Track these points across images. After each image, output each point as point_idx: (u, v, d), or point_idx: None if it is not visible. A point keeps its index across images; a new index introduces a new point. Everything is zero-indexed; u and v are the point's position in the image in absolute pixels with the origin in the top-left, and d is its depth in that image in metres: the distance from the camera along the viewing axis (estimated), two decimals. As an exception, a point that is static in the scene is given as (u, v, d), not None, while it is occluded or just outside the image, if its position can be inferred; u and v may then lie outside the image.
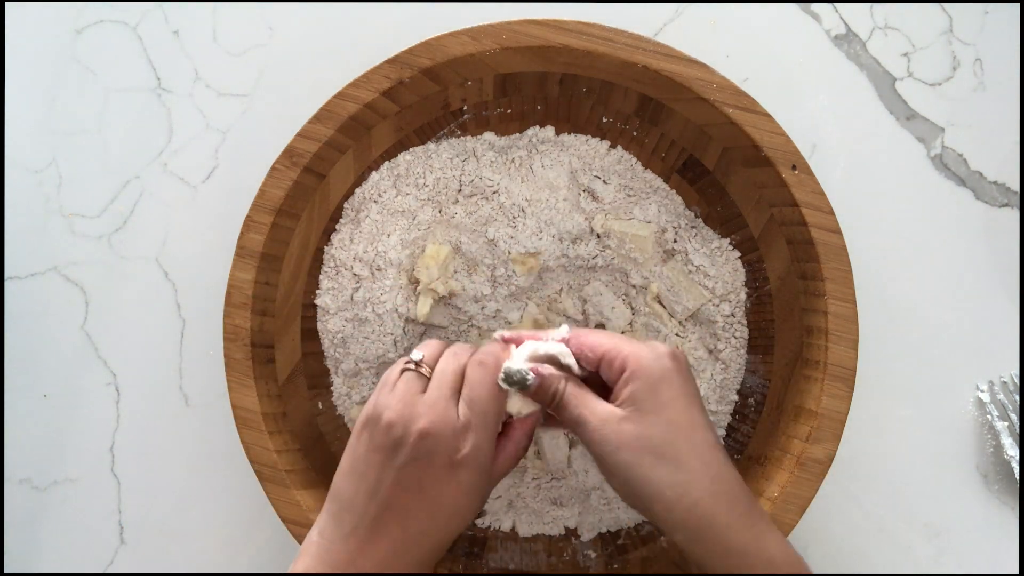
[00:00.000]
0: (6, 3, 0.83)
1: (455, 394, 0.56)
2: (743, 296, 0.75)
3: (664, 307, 0.76)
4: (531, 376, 0.56)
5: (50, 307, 0.80)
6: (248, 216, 0.69)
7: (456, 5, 0.81)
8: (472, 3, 0.80)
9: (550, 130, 0.77)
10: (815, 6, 0.81)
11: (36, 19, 0.83)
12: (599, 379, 0.59)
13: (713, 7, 0.81)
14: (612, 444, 0.54)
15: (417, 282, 0.74)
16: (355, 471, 0.56)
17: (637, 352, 0.55)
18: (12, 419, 0.79)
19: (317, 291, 0.75)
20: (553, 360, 0.58)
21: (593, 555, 0.75)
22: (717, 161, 0.72)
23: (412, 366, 0.58)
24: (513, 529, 0.76)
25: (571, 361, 0.58)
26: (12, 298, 0.80)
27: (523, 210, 0.74)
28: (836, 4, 0.81)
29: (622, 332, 0.76)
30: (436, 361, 0.59)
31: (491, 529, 0.76)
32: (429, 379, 0.57)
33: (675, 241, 0.76)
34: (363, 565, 0.53)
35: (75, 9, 0.83)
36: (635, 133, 0.75)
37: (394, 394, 0.56)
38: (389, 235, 0.73)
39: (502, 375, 0.57)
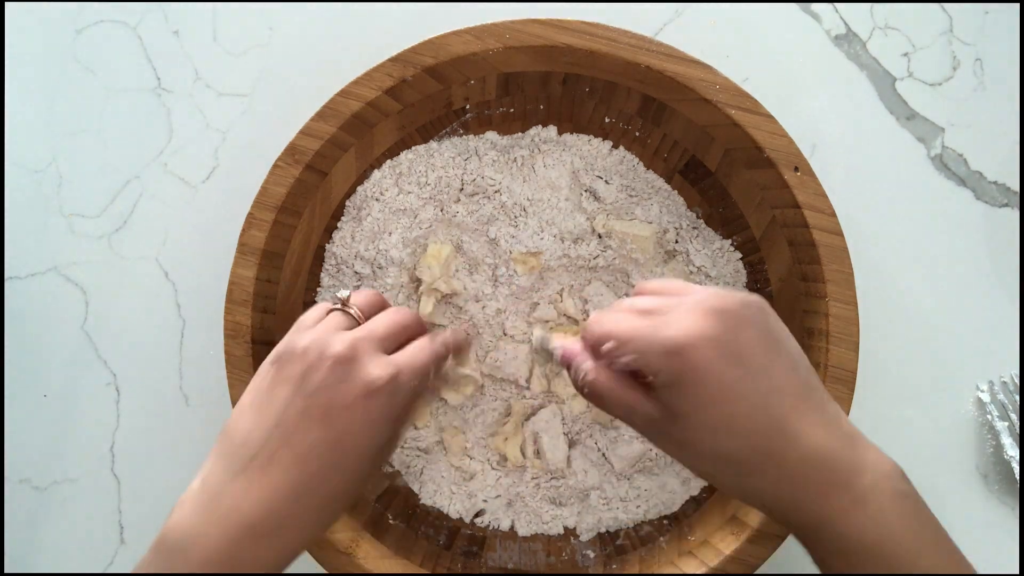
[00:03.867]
0: (6, 3, 0.83)
1: (382, 346, 0.52)
2: (744, 297, 0.75)
3: (665, 307, 0.76)
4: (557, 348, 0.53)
5: (50, 307, 0.80)
6: (250, 213, 0.69)
7: (459, 4, 0.81)
8: (475, 2, 0.80)
9: (552, 130, 0.77)
10: (815, 6, 0.82)
11: (36, 19, 0.83)
12: None
13: (713, 7, 0.82)
14: (663, 444, 0.51)
15: (419, 281, 0.74)
16: (255, 405, 0.50)
17: (644, 351, 0.48)
18: (12, 419, 0.79)
19: (318, 288, 0.75)
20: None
21: (592, 555, 0.75)
22: (719, 162, 0.72)
23: (339, 306, 0.55)
24: (512, 528, 0.76)
25: None
26: (12, 298, 0.80)
27: (525, 209, 0.74)
28: (836, 4, 0.82)
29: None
30: (369, 309, 0.56)
31: (490, 528, 0.76)
32: (356, 323, 0.54)
33: (676, 242, 0.76)
34: (248, 510, 0.47)
35: (75, 9, 0.83)
36: (637, 133, 0.76)
37: (313, 330, 0.52)
38: (391, 233, 0.74)
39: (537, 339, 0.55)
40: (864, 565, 0.46)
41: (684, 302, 0.49)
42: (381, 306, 0.57)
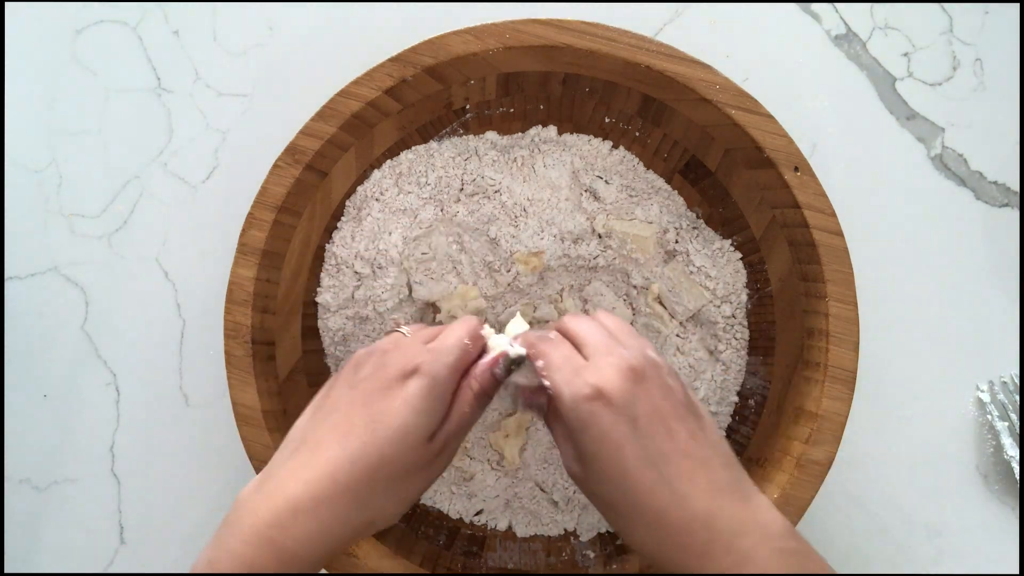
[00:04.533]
0: (6, 3, 0.83)
1: (425, 343, 0.56)
2: (744, 297, 0.75)
3: (665, 308, 0.76)
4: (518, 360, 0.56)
5: (50, 307, 0.80)
6: (250, 213, 0.68)
7: (459, 4, 0.81)
8: (475, 2, 0.80)
9: (552, 130, 0.77)
10: (815, 6, 0.82)
11: (36, 19, 0.83)
12: None
13: (713, 7, 0.82)
14: (579, 487, 0.54)
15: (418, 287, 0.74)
16: (313, 406, 0.55)
17: (558, 391, 0.51)
18: (12, 419, 0.79)
19: (318, 289, 0.75)
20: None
21: (592, 555, 0.75)
22: (719, 162, 0.72)
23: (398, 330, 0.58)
24: (510, 528, 0.76)
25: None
26: (12, 298, 0.80)
27: (525, 209, 0.74)
28: (836, 4, 0.82)
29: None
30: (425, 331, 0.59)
31: (489, 528, 0.76)
32: None
33: (676, 242, 0.76)
34: (291, 487, 0.49)
35: (75, 9, 0.83)
36: (637, 133, 0.76)
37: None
38: (391, 233, 0.74)
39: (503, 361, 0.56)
40: None
41: (612, 352, 0.52)
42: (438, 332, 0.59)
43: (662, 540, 0.49)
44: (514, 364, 0.56)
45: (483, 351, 0.57)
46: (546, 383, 0.52)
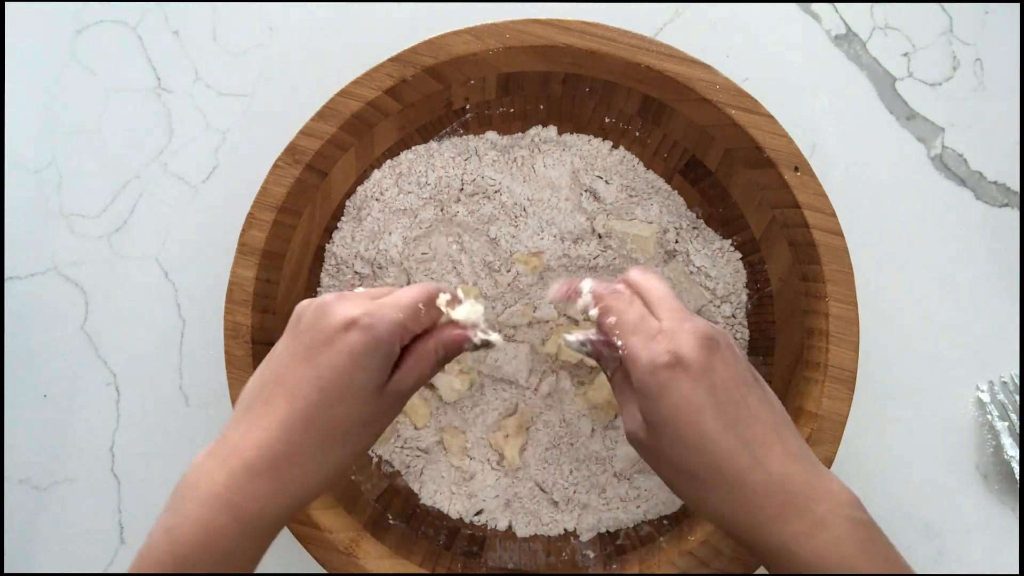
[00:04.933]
0: (6, 3, 0.83)
1: (372, 299, 0.54)
2: (744, 297, 0.75)
3: (665, 307, 0.76)
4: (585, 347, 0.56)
5: (50, 307, 0.80)
6: (250, 213, 0.69)
7: (459, 4, 0.81)
8: (475, 2, 0.80)
9: (552, 130, 0.77)
10: (815, 6, 0.82)
11: (36, 19, 0.83)
12: None
13: (713, 7, 0.82)
14: (641, 453, 0.54)
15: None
16: (262, 365, 0.54)
17: (635, 355, 0.51)
18: (12, 419, 0.79)
19: (318, 289, 0.75)
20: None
21: (592, 555, 0.75)
22: (719, 162, 0.72)
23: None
24: (510, 528, 0.76)
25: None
26: (12, 298, 0.80)
27: (525, 210, 0.74)
28: (836, 4, 0.82)
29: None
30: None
31: (489, 528, 0.76)
32: None
33: (676, 242, 0.76)
34: (245, 450, 0.49)
35: (75, 9, 0.83)
36: (637, 133, 0.76)
37: None
38: (391, 233, 0.74)
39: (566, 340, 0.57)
40: None
41: (687, 319, 0.52)
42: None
43: (737, 502, 0.50)
44: (484, 347, 0.56)
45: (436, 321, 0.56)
46: (618, 343, 0.53)
